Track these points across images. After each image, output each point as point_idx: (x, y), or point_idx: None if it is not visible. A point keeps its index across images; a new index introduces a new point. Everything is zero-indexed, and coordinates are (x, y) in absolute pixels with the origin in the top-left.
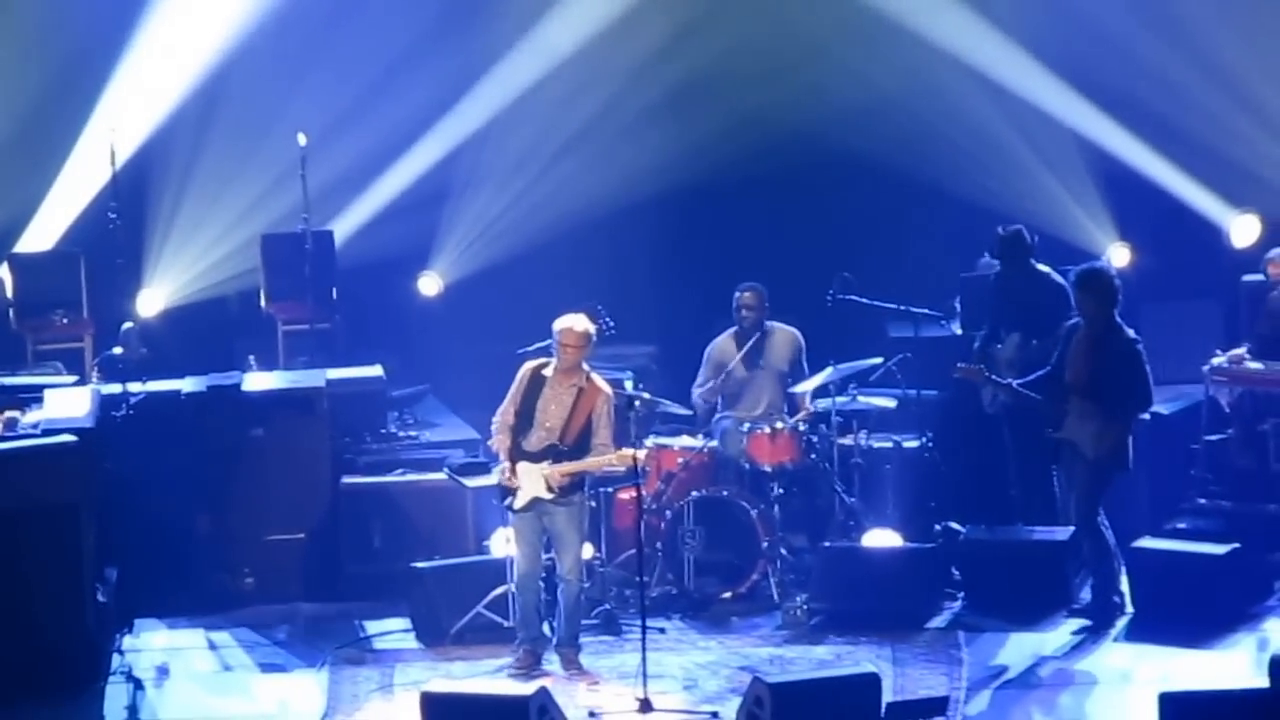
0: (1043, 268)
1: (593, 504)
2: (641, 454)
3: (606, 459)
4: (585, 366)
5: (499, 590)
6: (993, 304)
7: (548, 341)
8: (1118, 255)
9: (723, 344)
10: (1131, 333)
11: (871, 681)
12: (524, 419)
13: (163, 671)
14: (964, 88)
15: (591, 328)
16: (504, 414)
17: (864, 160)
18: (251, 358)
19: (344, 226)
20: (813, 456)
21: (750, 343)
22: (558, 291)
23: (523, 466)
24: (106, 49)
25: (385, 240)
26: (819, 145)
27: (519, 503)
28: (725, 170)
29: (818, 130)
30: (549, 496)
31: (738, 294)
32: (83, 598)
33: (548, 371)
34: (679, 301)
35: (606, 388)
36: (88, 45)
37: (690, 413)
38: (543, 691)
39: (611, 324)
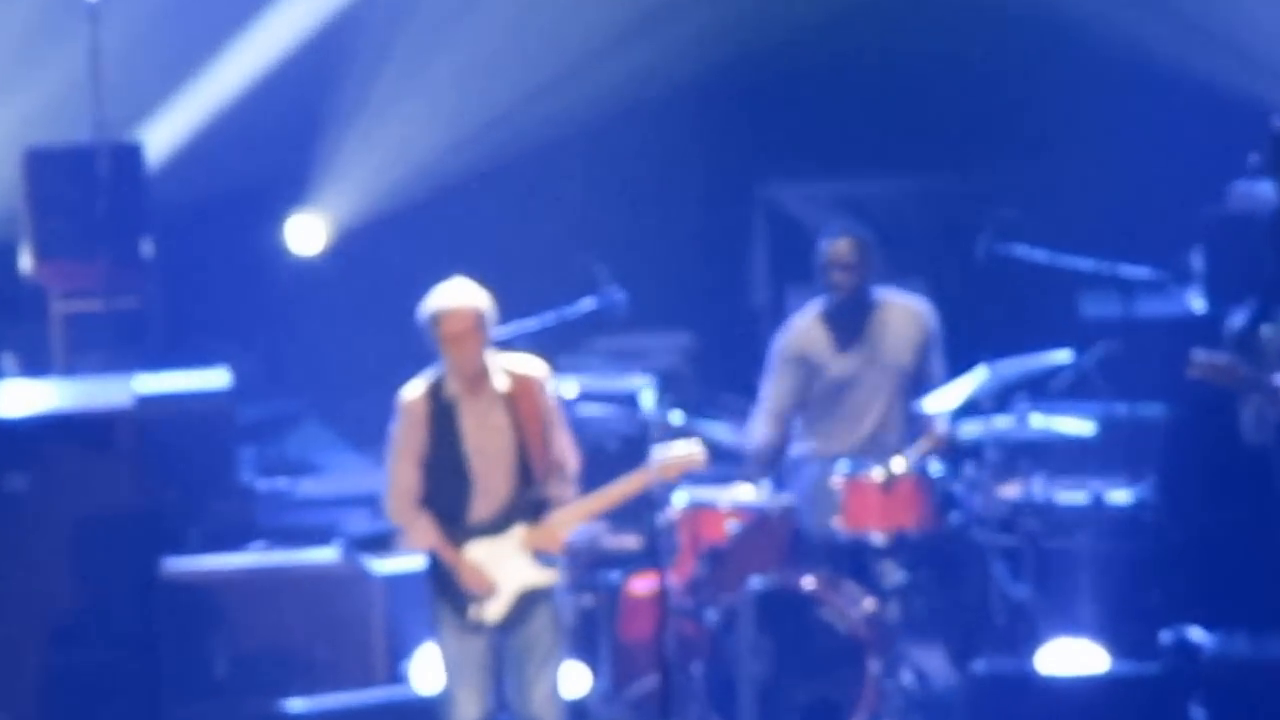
0: None
1: (587, 599)
2: (685, 454)
3: (616, 492)
4: (490, 359)
5: None
6: (1266, 256)
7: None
8: None
9: (803, 330)
10: None
11: None
12: (445, 479)
13: None
14: None
15: (482, 298)
16: (400, 491)
17: (1027, 22)
18: (7, 356)
19: (162, 136)
20: (954, 518)
21: (848, 325)
22: (522, 243)
23: (481, 552)
24: None
25: (233, 160)
26: None
27: (497, 610)
28: (797, 43)
29: None
30: (547, 579)
31: (826, 245)
32: None
33: (451, 391)
34: (727, 261)
35: (538, 367)
36: None
37: (748, 445)
38: None
39: (619, 297)
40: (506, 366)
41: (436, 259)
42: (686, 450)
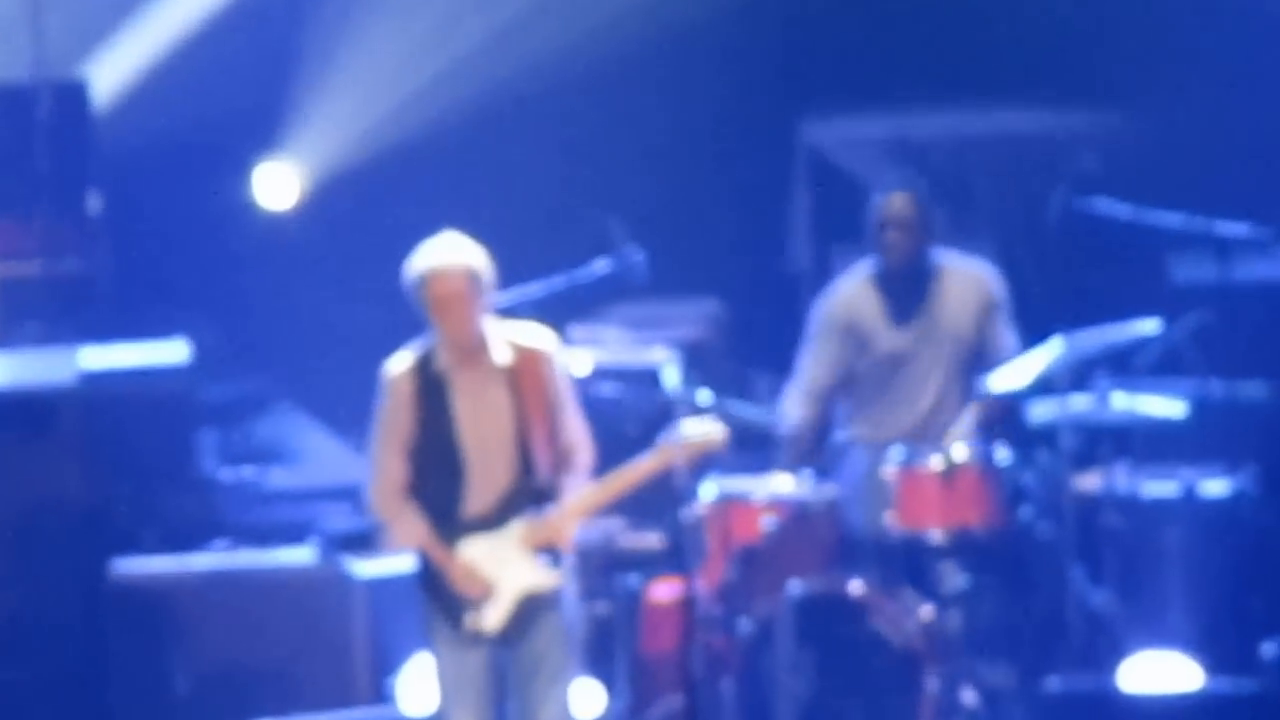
0: None
1: (602, 607)
2: (701, 435)
3: (625, 480)
4: (490, 327)
5: None
6: None
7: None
8: None
9: (850, 296)
10: None
11: None
12: (435, 466)
13: None
14: None
15: (477, 256)
16: (384, 480)
17: None
18: None
19: (111, 74)
20: (1025, 514)
21: (902, 292)
22: (526, 196)
23: (477, 550)
24: None
25: (192, 101)
26: None
27: (495, 618)
28: None
29: None
30: (550, 581)
31: (880, 201)
32: None
33: (442, 365)
34: (762, 216)
35: (545, 338)
36: None
37: (782, 428)
38: None
39: (637, 258)
40: (509, 337)
41: (427, 213)
42: (702, 430)
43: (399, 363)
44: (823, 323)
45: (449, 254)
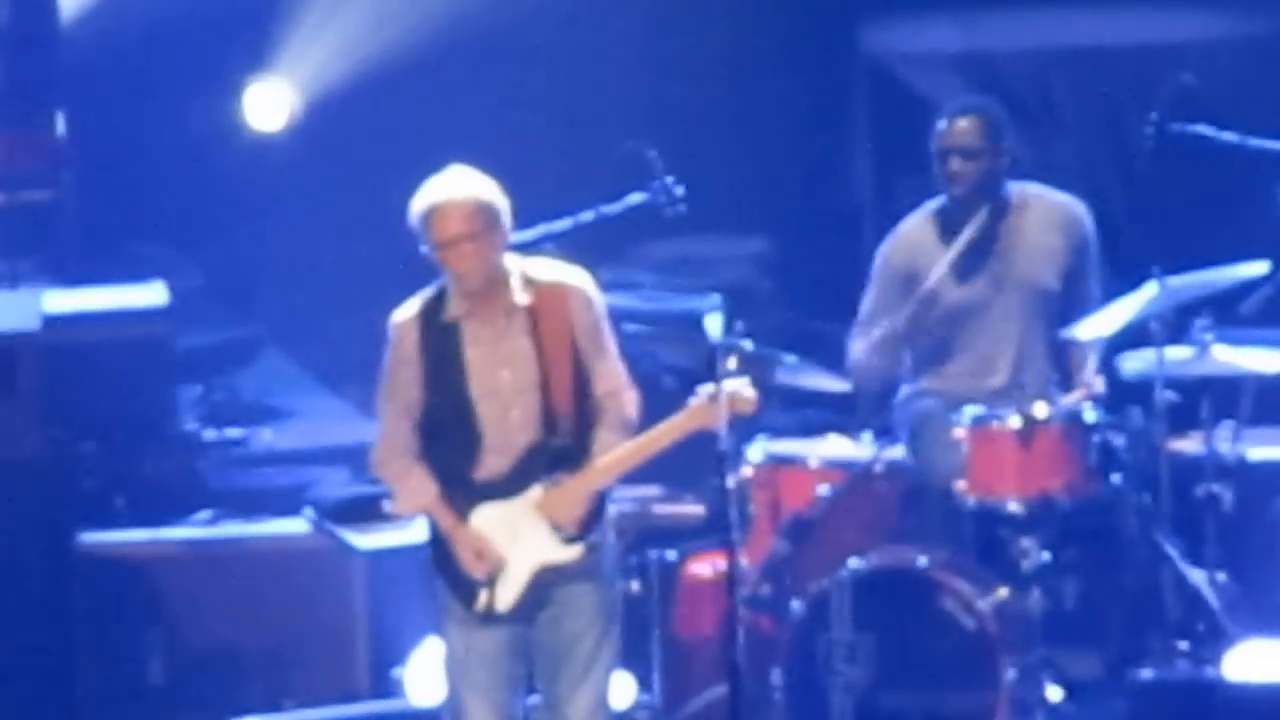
0: None
1: (633, 585)
2: (743, 392)
3: (646, 443)
4: (509, 264)
5: None
6: None
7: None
8: None
9: (909, 239)
10: None
11: None
12: (446, 425)
13: None
14: None
15: (487, 189)
16: (388, 440)
17: None
18: None
19: None
20: (1115, 480)
21: (972, 230)
22: (548, 121)
23: (491, 518)
24: None
25: (172, 10)
26: None
27: (508, 595)
28: None
29: None
30: (568, 556)
31: (942, 125)
32: None
33: (453, 312)
34: (815, 144)
35: (574, 275)
36: None
37: (846, 385)
38: None
39: (674, 191)
40: (530, 274)
41: (436, 138)
42: (732, 389)
43: (405, 310)
44: (881, 271)
45: (454, 189)
